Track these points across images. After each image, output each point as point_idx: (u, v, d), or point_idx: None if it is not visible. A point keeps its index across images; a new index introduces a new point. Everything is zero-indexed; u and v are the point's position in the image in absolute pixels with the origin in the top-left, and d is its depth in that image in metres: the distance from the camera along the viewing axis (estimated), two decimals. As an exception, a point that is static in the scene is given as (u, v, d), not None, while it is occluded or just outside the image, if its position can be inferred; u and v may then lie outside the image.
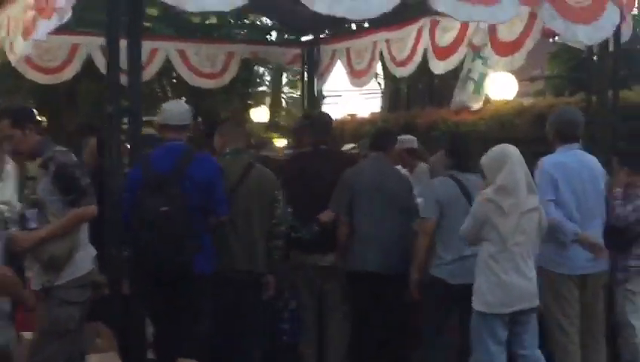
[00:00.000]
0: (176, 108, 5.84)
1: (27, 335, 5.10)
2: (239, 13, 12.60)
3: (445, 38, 8.47)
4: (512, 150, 5.44)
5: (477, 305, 5.25)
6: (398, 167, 7.00)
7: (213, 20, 13.34)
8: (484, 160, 5.50)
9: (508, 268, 5.13)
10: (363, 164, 6.63)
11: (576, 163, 5.83)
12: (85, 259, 4.83)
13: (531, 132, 8.05)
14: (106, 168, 5.46)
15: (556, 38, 10.73)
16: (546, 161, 5.84)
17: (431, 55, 8.71)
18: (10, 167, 6.08)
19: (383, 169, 6.39)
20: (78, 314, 4.77)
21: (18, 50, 7.02)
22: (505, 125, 9.15)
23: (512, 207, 5.19)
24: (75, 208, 4.67)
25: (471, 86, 10.86)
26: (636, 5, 6.74)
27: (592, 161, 5.97)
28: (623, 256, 6.18)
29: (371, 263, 6.13)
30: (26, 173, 4.57)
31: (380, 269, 6.11)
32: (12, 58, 7.58)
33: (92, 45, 9.26)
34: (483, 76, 10.32)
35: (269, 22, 13.36)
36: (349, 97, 15.38)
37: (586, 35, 6.26)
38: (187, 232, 5.17)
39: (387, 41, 9.32)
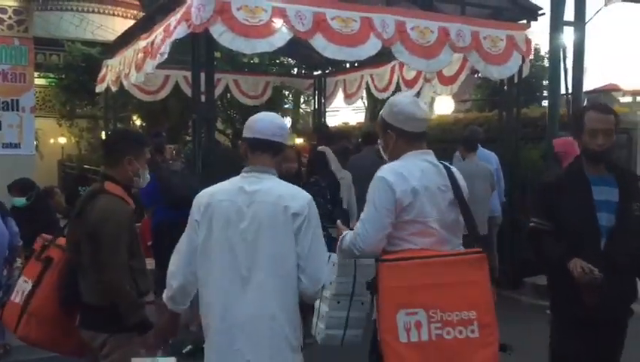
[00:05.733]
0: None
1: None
2: (272, 55, 12.69)
3: (410, 74, 8.49)
4: None
5: None
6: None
7: (256, 60, 13.38)
8: None
9: None
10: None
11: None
12: None
13: (461, 134, 8.12)
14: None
15: (479, 74, 10.81)
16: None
17: (402, 85, 8.73)
18: None
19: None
20: None
21: (133, 78, 7.11)
22: (445, 130, 9.25)
23: None
24: None
25: (423, 106, 11.04)
26: (532, 52, 6.73)
27: (487, 153, 6.49)
28: None
29: None
30: None
31: None
32: (125, 83, 7.68)
33: (178, 75, 9.31)
34: (432, 99, 10.49)
35: (292, 61, 13.38)
36: (344, 112, 15.46)
37: (498, 73, 6.34)
38: None
39: (371, 75, 9.35)
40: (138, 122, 14.35)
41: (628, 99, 12.82)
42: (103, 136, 11.31)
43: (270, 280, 2.24)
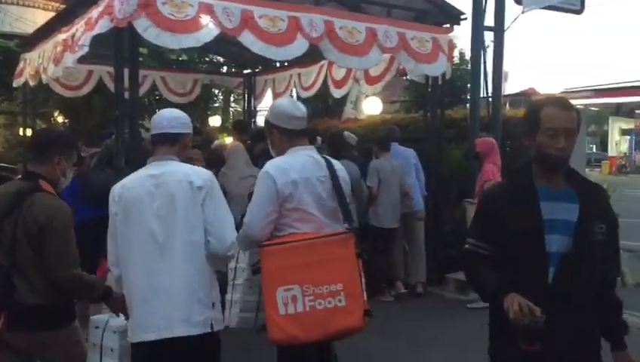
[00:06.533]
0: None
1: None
2: (201, 53, 12.52)
3: (339, 74, 8.56)
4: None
5: None
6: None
7: (184, 57, 13.15)
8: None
9: None
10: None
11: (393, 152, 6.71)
12: None
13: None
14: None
15: (407, 76, 11.05)
16: None
17: (330, 85, 8.77)
18: None
19: None
20: None
21: (50, 72, 6.84)
22: (373, 130, 9.38)
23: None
24: None
25: (350, 105, 11.25)
26: (455, 55, 6.95)
27: (403, 149, 6.85)
28: None
29: None
30: None
31: None
32: (44, 77, 7.37)
33: (102, 71, 9.03)
34: (358, 99, 10.69)
35: (221, 59, 13.22)
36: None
37: (429, 71, 6.50)
38: None
39: (299, 74, 9.38)
40: (60, 118, 13.78)
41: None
42: (21, 133, 10.78)
43: (184, 247, 2.57)
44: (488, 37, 7.31)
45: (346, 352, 4.66)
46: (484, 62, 7.09)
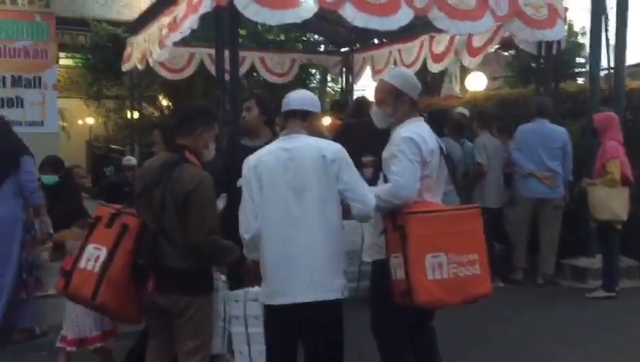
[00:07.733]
0: None
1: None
2: (298, 32, 12.46)
3: (439, 48, 8.20)
4: None
5: None
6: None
7: (282, 37, 13.14)
8: None
9: None
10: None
11: (540, 129, 6.17)
12: None
13: (494, 111, 7.84)
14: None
15: (509, 51, 10.44)
16: (520, 128, 6.30)
17: (429, 60, 8.45)
18: None
19: None
20: None
21: (155, 55, 7.00)
22: (477, 106, 8.94)
23: None
24: None
25: (448, 80, 10.83)
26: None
27: (554, 128, 6.21)
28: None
29: None
30: None
31: None
32: (150, 61, 7.58)
33: (203, 53, 9.21)
34: (453, 74, 10.35)
35: (319, 38, 13.09)
36: (372, 89, 15.11)
37: (545, 36, 6.16)
38: None
39: (399, 50, 9.07)
40: (164, 102, 14.26)
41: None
42: (129, 116, 11.24)
43: (318, 218, 2.70)
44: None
45: (465, 334, 4.53)
46: (607, 30, 6.45)
